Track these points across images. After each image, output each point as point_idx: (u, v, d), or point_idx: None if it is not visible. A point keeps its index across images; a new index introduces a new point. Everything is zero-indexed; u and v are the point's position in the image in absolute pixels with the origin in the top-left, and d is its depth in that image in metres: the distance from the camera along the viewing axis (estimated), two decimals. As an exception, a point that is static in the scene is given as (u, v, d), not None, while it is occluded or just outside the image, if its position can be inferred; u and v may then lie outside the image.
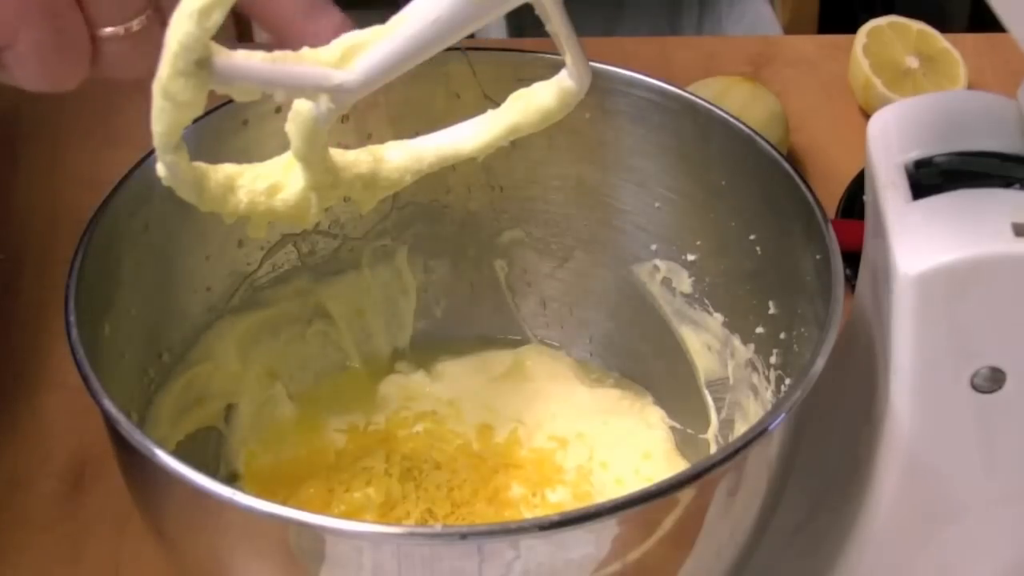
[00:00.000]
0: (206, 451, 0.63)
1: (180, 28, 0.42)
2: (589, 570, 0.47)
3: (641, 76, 0.62)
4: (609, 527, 0.46)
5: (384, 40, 0.46)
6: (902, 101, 0.56)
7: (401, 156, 0.51)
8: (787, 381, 0.58)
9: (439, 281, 0.70)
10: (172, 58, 0.43)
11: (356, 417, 0.67)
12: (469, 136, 0.52)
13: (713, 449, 0.65)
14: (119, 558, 0.67)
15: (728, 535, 0.51)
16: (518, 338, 0.71)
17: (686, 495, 0.47)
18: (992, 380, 0.51)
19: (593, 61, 0.51)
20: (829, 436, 0.57)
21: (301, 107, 0.47)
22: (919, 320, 0.50)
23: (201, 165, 0.48)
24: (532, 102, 0.52)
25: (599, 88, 0.62)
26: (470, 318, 0.70)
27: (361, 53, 0.46)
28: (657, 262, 0.65)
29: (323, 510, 0.60)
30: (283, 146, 0.52)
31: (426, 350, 0.70)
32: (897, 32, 0.93)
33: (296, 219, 0.50)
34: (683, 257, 0.64)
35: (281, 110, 0.60)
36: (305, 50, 0.46)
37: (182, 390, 0.61)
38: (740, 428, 0.62)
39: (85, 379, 0.48)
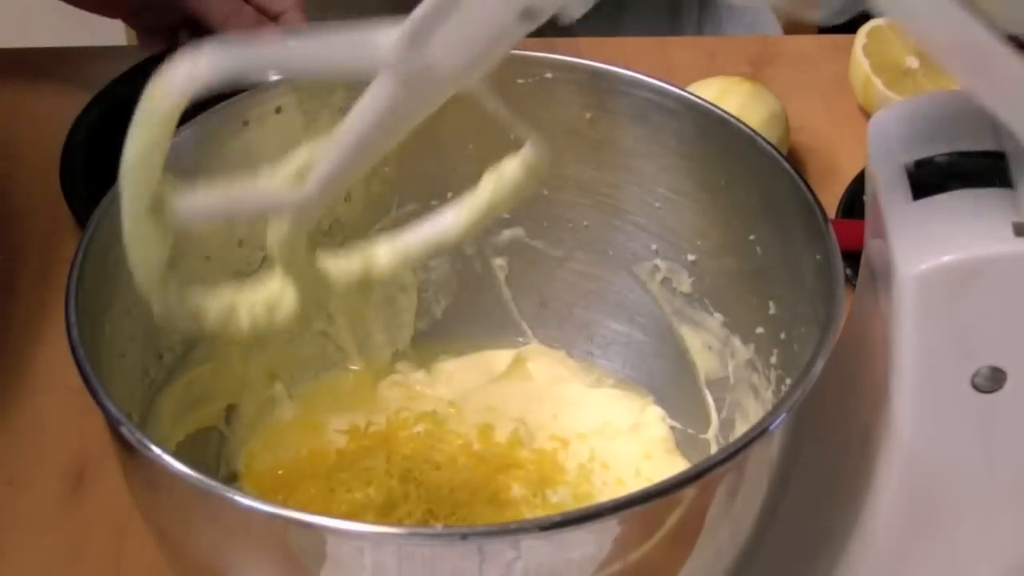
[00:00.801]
0: (206, 451, 0.63)
1: (125, 183, 0.43)
2: (590, 570, 0.47)
3: (641, 76, 0.62)
4: (610, 527, 0.46)
5: (331, 152, 0.47)
6: (902, 101, 0.56)
7: (390, 257, 0.54)
8: (787, 381, 0.58)
9: (439, 281, 0.70)
10: (126, 212, 0.44)
11: (356, 417, 0.67)
12: (452, 224, 0.54)
13: (713, 449, 0.65)
14: (119, 558, 0.67)
15: (729, 535, 0.51)
16: (518, 338, 0.71)
17: (687, 495, 0.47)
18: (993, 380, 0.51)
19: (594, 61, 0.51)
20: (829, 436, 0.57)
21: (273, 229, 0.49)
22: (919, 320, 0.50)
23: (196, 297, 0.51)
24: (503, 178, 0.53)
25: (599, 88, 0.62)
26: (470, 318, 0.70)
27: (314, 169, 0.48)
28: (657, 262, 0.65)
29: (324, 510, 0.60)
30: (282, 146, 0.52)
31: (426, 350, 0.70)
32: (897, 32, 0.93)
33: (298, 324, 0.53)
34: (683, 257, 0.64)
35: (281, 110, 0.60)
36: (262, 182, 0.49)
37: (183, 390, 0.61)
38: (740, 428, 0.62)
39: (85, 379, 0.48)
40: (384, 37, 0.44)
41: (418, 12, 0.43)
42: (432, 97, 0.46)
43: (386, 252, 0.53)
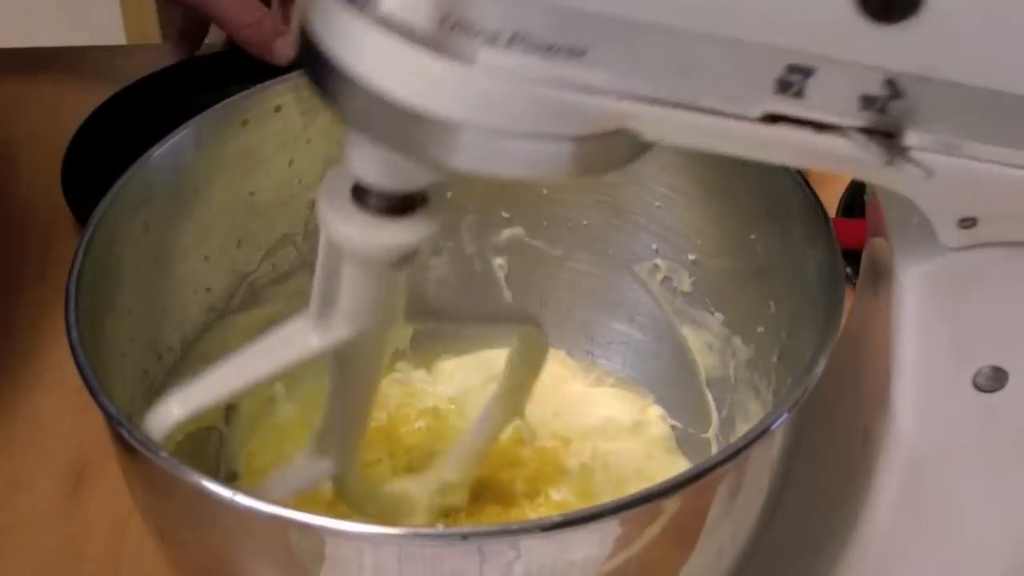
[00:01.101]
0: (206, 451, 0.63)
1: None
2: (591, 570, 0.47)
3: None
4: (611, 527, 0.46)
5: (333, 420, 0.55)
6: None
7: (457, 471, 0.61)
8: (788, 380, 0.58)
9: (439, 280, 0.70)
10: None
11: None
12: (497, 424, 0.61)
13: (714, 449, 0.65)
14: (119, 557, 0.67)
15: (730, 535, 0.51)
16: (519, 338, 0.71)
17: (688, 495, 0.47)
18: (994, 379, 0.51)
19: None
20: (831, 435, 0.57)
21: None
22: (921, 319, 0.50)
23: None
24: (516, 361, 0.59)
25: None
26: (470, 317, 0.70)
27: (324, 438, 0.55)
28: (658, 261, 0.65)
29: (327, 507, 0.61)
30: (282, 146, 0.53)
31: (426, 349, 0.70)
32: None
33: None
34: (684, 256, 0.64)
35: (281, 109, 0.60)
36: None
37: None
38: (741, 427, 0.62)
39: (85, 380, 0.48)
40: (301, 328, 0.49)
41: (312, 300, 0.48)
42: (370, 352, 0.51)
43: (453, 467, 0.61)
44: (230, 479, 0.63)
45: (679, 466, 0.65)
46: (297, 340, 0.49)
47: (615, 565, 0.47)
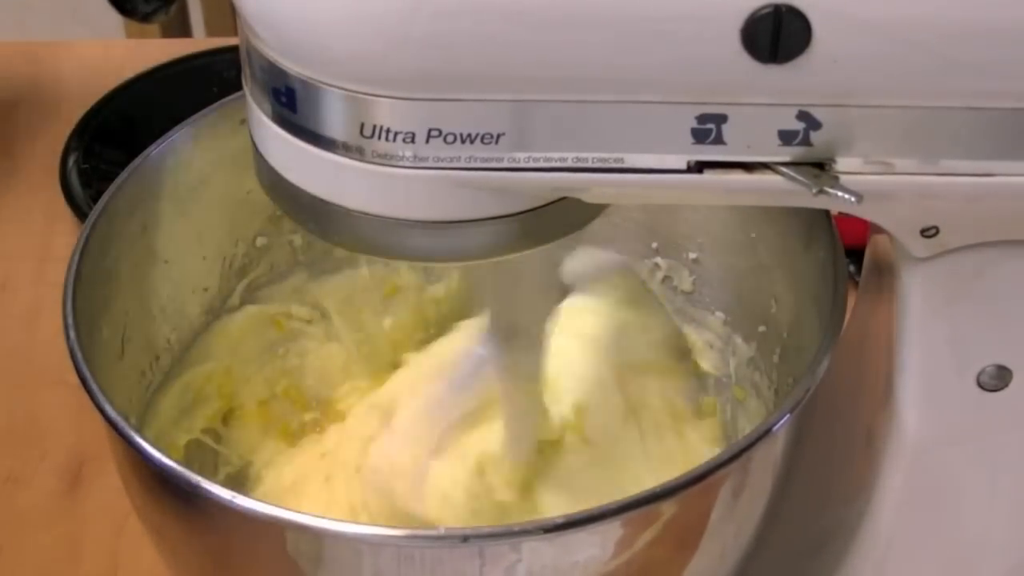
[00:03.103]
0: (205, 451, 0.63)
1: None
2: (593, 572, 0.47)
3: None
4: (613, 529, 0.46)
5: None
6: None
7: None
8: (790, 379, 0.57)
9: (437, 280, 0.69)
10: None
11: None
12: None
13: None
14: (118, 556, 0.67)
15: (732, 535, 0.51)
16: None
17: (691, 496, 0.47)
18: (998, 378, 0.51)
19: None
20: (834, 435, 0.57)
21: None
22: (924, 317, 0.50)
23: None
24: None
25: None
26: (469, 315, 0.70)
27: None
28: (658, 260, 0.65)
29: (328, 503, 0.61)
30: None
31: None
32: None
33: None
34: (684, 255, 0.64)
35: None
36: None
37: (181, 391, 0.61)
38: (743, 427, 0.62)
39: (83, 381, 0.48)
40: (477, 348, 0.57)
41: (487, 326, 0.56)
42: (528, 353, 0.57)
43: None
44: (228, 481, 0.63)
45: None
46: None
47: (618, 566, 0.47)
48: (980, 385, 0.51)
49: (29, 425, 0.74)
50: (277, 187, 0.43)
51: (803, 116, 0.41)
